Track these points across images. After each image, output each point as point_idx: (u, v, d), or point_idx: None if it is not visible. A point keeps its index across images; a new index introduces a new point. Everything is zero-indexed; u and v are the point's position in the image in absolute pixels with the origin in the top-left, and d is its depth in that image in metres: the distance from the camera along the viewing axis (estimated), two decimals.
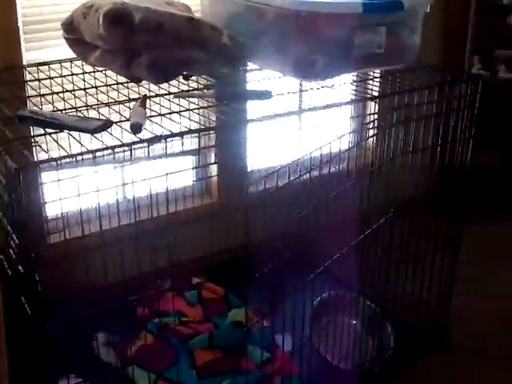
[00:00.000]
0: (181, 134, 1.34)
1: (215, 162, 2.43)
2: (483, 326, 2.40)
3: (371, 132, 1.73)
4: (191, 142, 2.40)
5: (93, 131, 1.29)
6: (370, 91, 1.90)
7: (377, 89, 1.93)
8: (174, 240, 1.69)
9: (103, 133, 1.36)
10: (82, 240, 1.70)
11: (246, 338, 2.12)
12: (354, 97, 1.83)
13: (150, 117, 1.47)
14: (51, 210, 1.90)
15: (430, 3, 1.86)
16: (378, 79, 1.93)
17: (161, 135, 1.32)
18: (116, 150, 1.33)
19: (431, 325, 2.26)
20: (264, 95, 1.58)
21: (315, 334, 1.95)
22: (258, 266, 1.42)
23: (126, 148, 1.33)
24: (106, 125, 1.33)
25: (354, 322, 1.98)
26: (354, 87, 1.88)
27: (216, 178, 2.59)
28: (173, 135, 1.33)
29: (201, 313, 2.28)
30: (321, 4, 1.66)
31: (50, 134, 1.35)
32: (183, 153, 2.00)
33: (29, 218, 1.30)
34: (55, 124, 1.32)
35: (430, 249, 2.11)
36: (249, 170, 2.63)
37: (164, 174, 1.45)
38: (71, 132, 1.36)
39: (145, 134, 1.36)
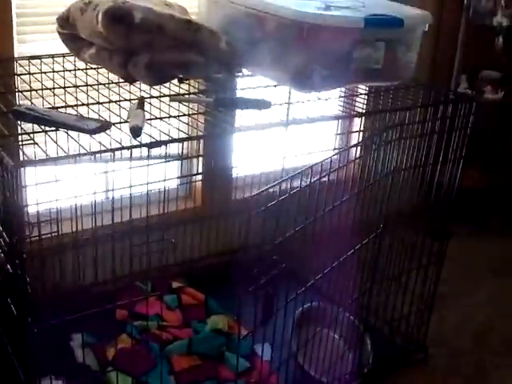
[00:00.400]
0: (181, 140, 1.33)
1: (200, 173, 2.39)
2: (458, 343, 2.41)
3: (369, 148, 1.72)
4: (178, 146, 2.39)
5: (92, 132, 1.27)
6: (361, 107, 1.90)
7: (364, 104, 1.95)
8: (167, 243, 1.65)
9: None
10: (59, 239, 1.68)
11: (226, 347, 2.10)
12: (344, 112, 1.83)
13: (149, 119, 1.45)
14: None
15: (429, 22, 1.87)
16: (372, 94, 1.93)
17: (161, 140, 1.30)
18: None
19: (409, 341, 2.26)
20: (263, 105, 1.57)
21: (296, 345, 1.94)
22: (246, 275, 1.40)
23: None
24: (105, 126, 1.31)
25: (336, 335, 1.97)
26: (350, 101, 1.88)
27: (200, 182, 2.57)
28: (173, 141, 1.32)
29: (180, 317, 2.25)
30: (323, 16, 1.65)
31: (46, 131, 1.33)
32: (171, 157, 2.00)
33: (18, 217, 1.26)
34: (52, 122, 1.29)
35: (413, 265, 2.11)
36: (234, 176, 2.62)
37: (147, 178, 1.41)
38: (67, 131, 1.33)
39: (142, 137, 1.34)
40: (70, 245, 1.88)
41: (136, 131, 1.28)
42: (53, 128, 1.31)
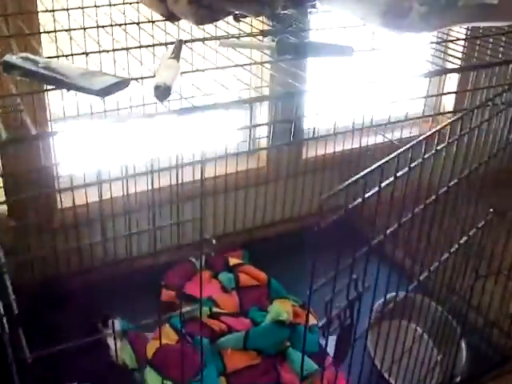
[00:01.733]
0: (227, 106, 0.95)
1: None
2: None
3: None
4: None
5: (98, 93, 0.91)
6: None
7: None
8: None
9: None
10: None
11: (290, 342, 1.76)
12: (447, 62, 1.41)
13: (184, 72, 1.07)
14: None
15: None
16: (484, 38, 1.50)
17: (194, 107, 0.92)
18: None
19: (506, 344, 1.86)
20: (344, 51, 1.17)
21: (373, 343, 1.58)
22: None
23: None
24: (119, 85, 0.94)
25: (422, 331, 1.59)
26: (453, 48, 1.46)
27: (265, 138, 2.20)
28: (212, 107, 0.93)
29: (236, 302, 1.92)
30: None
31: (45, 91, 0.99)
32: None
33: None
34: (49, 78, 0.94)
35: None
36: (305, 131, 2.24)
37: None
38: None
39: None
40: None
41: (162, 93, 0.91)
42: (51, 87, 0.97)
